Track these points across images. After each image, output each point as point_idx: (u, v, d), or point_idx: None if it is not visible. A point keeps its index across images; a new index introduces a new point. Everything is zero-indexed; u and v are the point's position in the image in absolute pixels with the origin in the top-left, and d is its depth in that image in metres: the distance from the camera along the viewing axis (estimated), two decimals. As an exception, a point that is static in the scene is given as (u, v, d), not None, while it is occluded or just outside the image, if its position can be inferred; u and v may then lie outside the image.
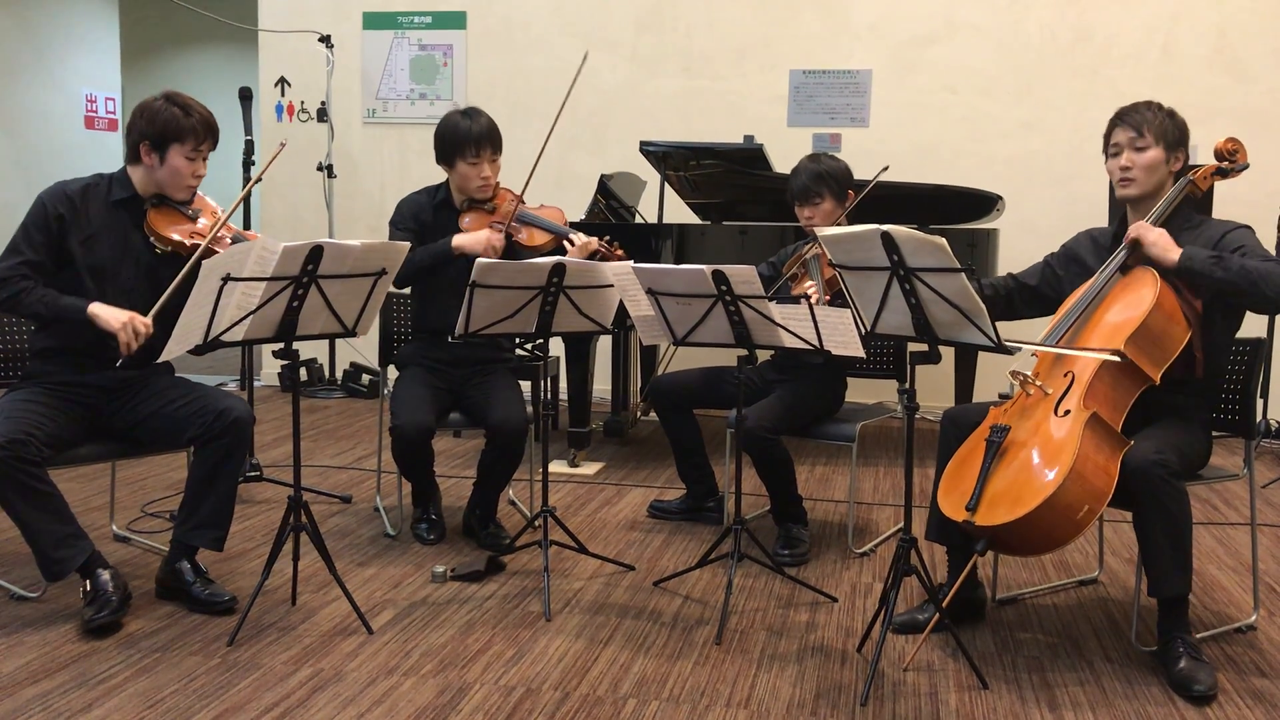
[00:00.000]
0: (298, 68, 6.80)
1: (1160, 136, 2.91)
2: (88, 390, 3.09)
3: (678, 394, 3.86)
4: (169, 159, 3.07)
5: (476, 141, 3.62)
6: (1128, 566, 3.56)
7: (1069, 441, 2.61)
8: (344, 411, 6.03)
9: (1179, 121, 2.96)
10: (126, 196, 3.13)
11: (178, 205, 3.16)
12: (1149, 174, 2.92)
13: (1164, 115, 2.94)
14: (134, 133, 3.09)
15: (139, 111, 3.09)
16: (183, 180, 3.11)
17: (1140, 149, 2.91)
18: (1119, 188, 2.97)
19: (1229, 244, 2.82)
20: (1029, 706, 2.57)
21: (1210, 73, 5.87)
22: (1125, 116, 2.97)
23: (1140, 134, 2.91)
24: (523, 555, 3.51)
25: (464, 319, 3.09)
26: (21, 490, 2.83)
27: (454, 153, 3.66)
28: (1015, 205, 5.50)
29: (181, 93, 3.14)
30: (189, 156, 3.08)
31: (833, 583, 3.37)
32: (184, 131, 3.05)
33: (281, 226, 6.79)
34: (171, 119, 3.05)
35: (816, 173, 3.62)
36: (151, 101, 3.09)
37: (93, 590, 2.91)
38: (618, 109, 6.46)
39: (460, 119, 3.66)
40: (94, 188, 3.12)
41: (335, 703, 2.52)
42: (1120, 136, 2.96)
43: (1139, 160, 2.92)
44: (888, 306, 2.65)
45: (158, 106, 3.07)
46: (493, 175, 3.70)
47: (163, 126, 3.05)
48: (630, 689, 2.62)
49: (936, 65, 6.15)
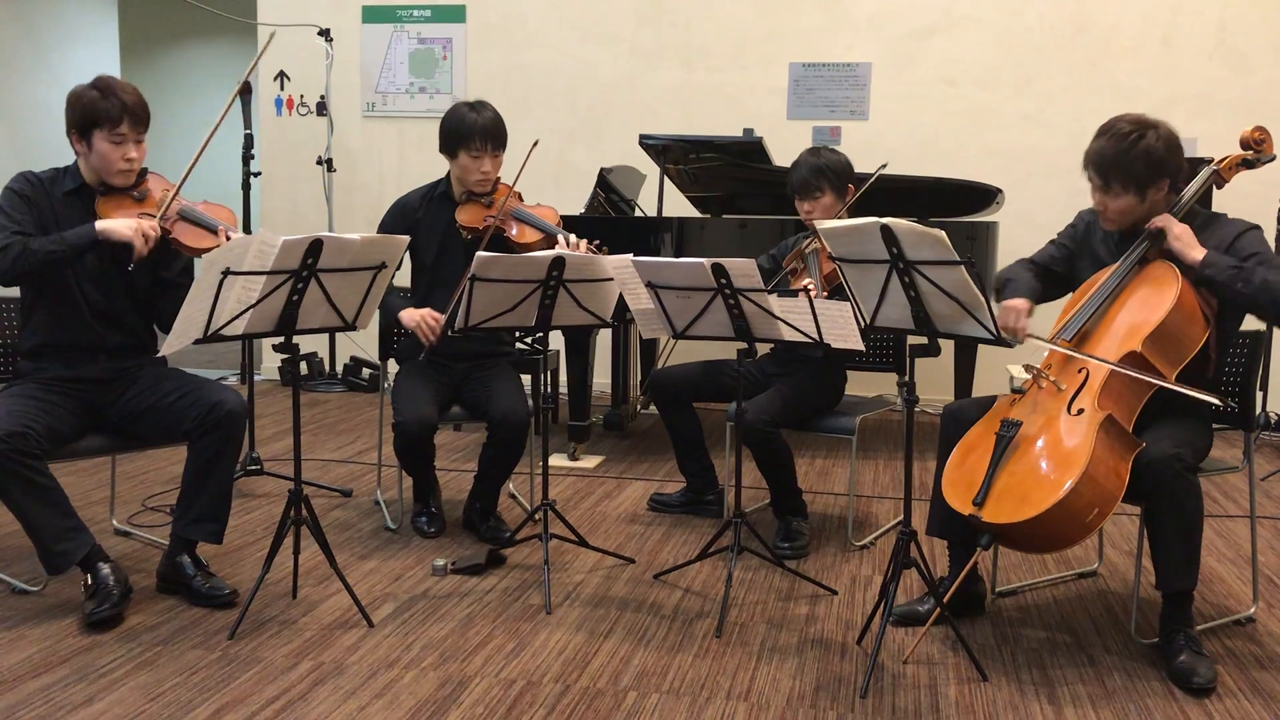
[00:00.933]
0: (297, 62, 6.79)
1: (1129, 183, 2.80)
2: (82, 385, 3.09)
3: (677, 387, 3.86)
4: (94, 145, 3.03)
5: (481, 135, 3.62)
6: (1127, 559, 3.56)
7: (1083, 444, 2.59)
8: (344, 405, 6.03)
9: (1155, 156, 2.77)
10: (75, 187, 3.10)
11: (125, 190, 3.11)
12: (1124, 216, 2.87)
13: (1135, 157, 2.77)
14: (66, 122, 3.06)
15: (68, 98, 3.05)
16: (112, 165, 3.05)
17: (1112, 197, 2.85)
18: (1102, 224, 2.94)
19: (1243, 248, 2.77)
20: (1028, 699, 2.57)
21: (1210, 65, 5.86)
22: (1091, 156, 2.84)
23: (1108, 185, 2.83)
24: (523, 548, 3.52)
25: (463, 313, 3.10)
26: (22, 483, 2.83)
27: (457, 144, 3.66)
28: (1015, 198, 5.50)
29: (112, 77, 3.09)
30: (113, 140, 3.02)
31: (832, 575, 3.37)
32: (101, 116, 2.99)
33: (281, 220, 6.78)
34: (90, 104, 3.00)
35: (816, 166, 3.62)
36: (78, 88, 3.05)
37: (94, 584, 2.91)
38: (617, 102, 6.45)
39: (467, 111, 3.66)
40: (53, 181, 3.11)
41: (336, 696, 2.53)
42: (1089, 177, 2.88)
43: (1110, 204, 2.86)
44: (887, 299, 2.65)
45: (80, 92, 3.03)
46: (493, 170, 3.70)
47: (83, 112, 3.01)
48: (630, 681, 2.63)
49: (936, 58, 6.14)
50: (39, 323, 3.09)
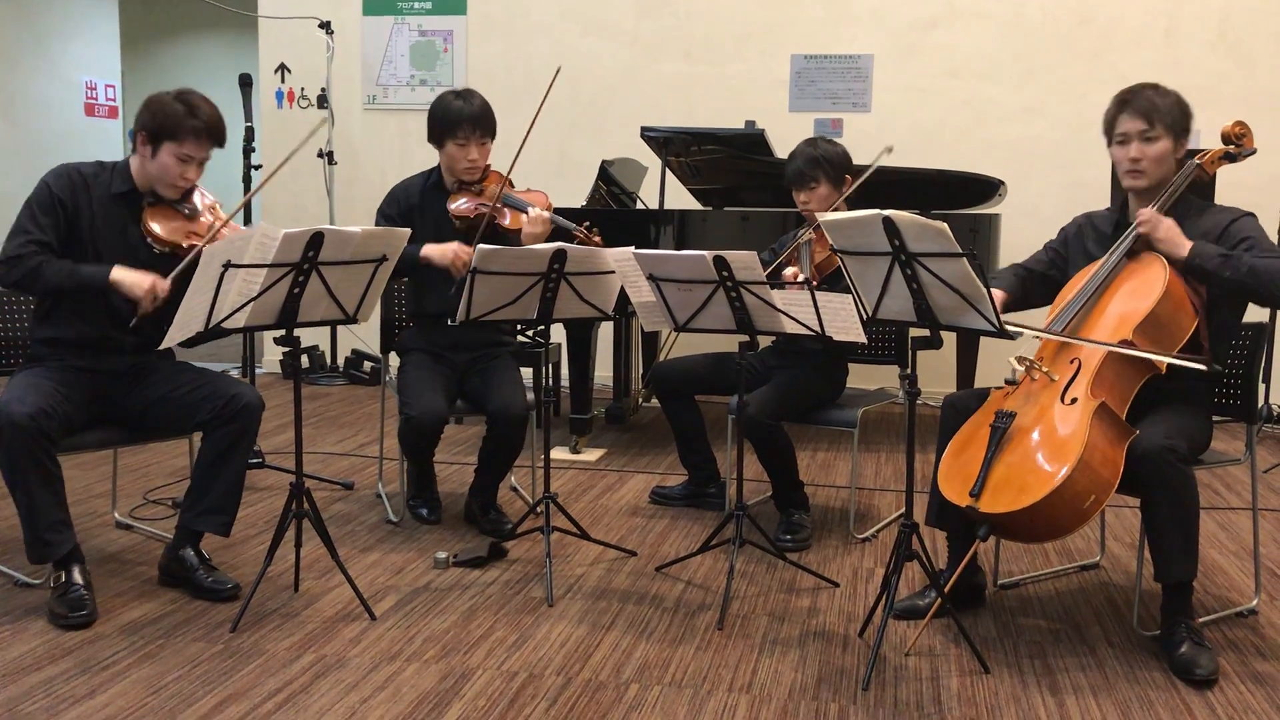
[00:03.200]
0: (298, 54, 6.78)
1: (1170, 126, 2.85)
2: (98, 376, 3.09)
3: (679, 380, 3.86)
4: (160, 154, 3.03)
5: (468, 123, 3.62)
6: (1129, 551, 3.56)
7: (1077, 432, 2.60)
8: (346, 398, 6.03)
9: (1185, 105, 2.90)
10: (126, 190, 3.10)
11: (175, 203, 3.12)
12: (1158, 166, 2.87)
13: (1171, 101, 2.87)
14: (137, 121, 3.07)
15: (147, 101, 3.06)
16: (170, 179, 3.06)
17: (1150, 139, 2.85)
18: (1127, 179, 2.91)
19: (1234, 234, 2.79)
20: (1030, 691, 2.57)
21: (1213, 57, 5.85)
22: (1132, 101, 2.88)
23: (1150, 124, 2.84)
24: (525, 541, 3.52)
25: (464, 306, 3.09)
26: (37, 466, 2.84)
27: (443, 133, 3.66)
28: (1017, 190, 5.49)
29: (198, 94, 3.09)
30: (181, 157, 3.03)
31: (834, 568, 3.37)
32: (181, 130, 3.00)
33: (282, 213, 6.78)
34: (172, 115, 3.01)
35: (812, 157, 3.61)
36: (163, 94, 3.06)
37: (65, 583, 2.89)
38: (619, 94, 6.45)
39: (453, 100, 3.66)
40: (96, 177, 3.10)
41: (338, 689, 2.53)
42: (1128, 125, 2.87)
43: (1149, 152, 2.85)
44: (889, 292, 2.65)
45: (165, 100, 3.04)
46: (481, 158, 3.68)
47: (163, 120, 3.01)
48: (632, 674, 2.63)
49: (938, 50, 6.13)
50: (58, 318, 3.09)
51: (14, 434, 2.80)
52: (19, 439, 2.80)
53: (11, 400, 2.84)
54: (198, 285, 2.66)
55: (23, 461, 2.82)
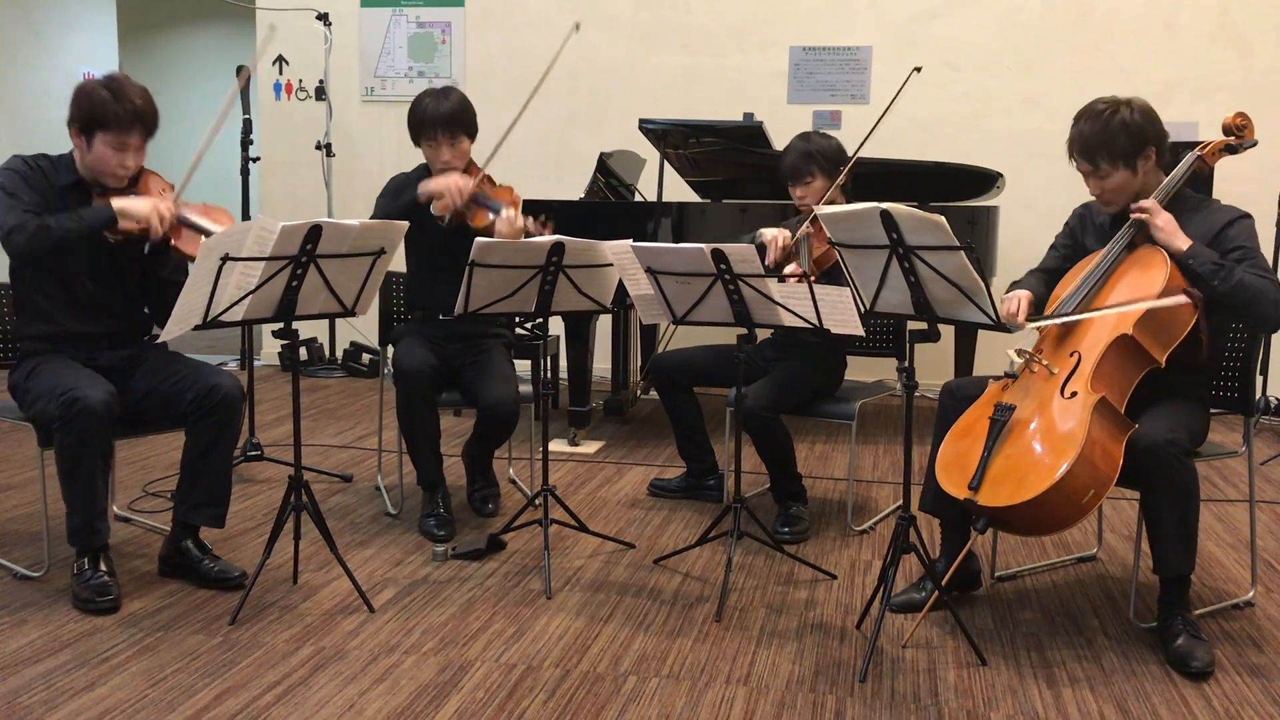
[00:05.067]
0: (296, 46, 6.77)
1: (1119, 156, 2.82)
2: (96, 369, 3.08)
3: (678, 371, 3.86)
4: (95, 145, 2.97)
5: (439, 125, 3.60)
6: (1126, 544, 3.57)
7: (1077, 426, 2.59)
8: (344, 391, 6.03)
9: (1134, 127, 2.81)
10: (72, 182, 3.05)
11: (122, 191, 3.05)
12: (1122, 193, 2.88)
13: (1114, 131, 2.81)
14: (70, 112, 2.99)
15: (75, 92, 2.99)
16: (107, 168, 3.00)
17: (1103, 176, 2.87)
18: (1102, 206, 2.96)
19: (1230, 239, 2.78)
20: (1027, 683, 2.58)
21: (1212, 48, 5.84)
22: (1074, 143, 2.89)
23: (1095, 165, 2.86)
24: (523, 534, 3.52)
25: (463, 298, 3.09)
26: (102, 451, 2.89)
27: (417, 134, 3.67)
28: (1015, 182, 5.48)
29: (127, 80, 3.01)
30: (114, 145, 2.96)
31: (832, 560, 3.38)
32: (109, 119, 2.93)
33: (280, 206, 6.78)
34: (99, 104, 2.93)
35: (806, 152, 3.62)
36: (89, 83, 2.98)
37: (92, 570, 2.92)
38: (617, 86, 6.44)
39: (428, 101, 3.63)
40: (49, 170, 3.05)
41: (337, 681, 2.54)
42: (1079, 165, 2.91)
43: (1107, 185, 2.88)
44: (887, 285, 2.65)
45: (91, 89, 2.96)
46: (454, 158, 3.64)
47: (90, 110, 2.94)
48: (630, 666, 2.64)
49: (937, 41, 6.12)
50: (37, 310, 3.08)
51: (89, 420, 2.82)
52: (95, 425, 2.83)
53: (79, 386, 2.85)
54: (196, 278, 2.66)
55: (89, 449, 2.85)
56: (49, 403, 2.87)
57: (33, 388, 2.97)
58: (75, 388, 2.85)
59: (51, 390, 2.88)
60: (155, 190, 3.12)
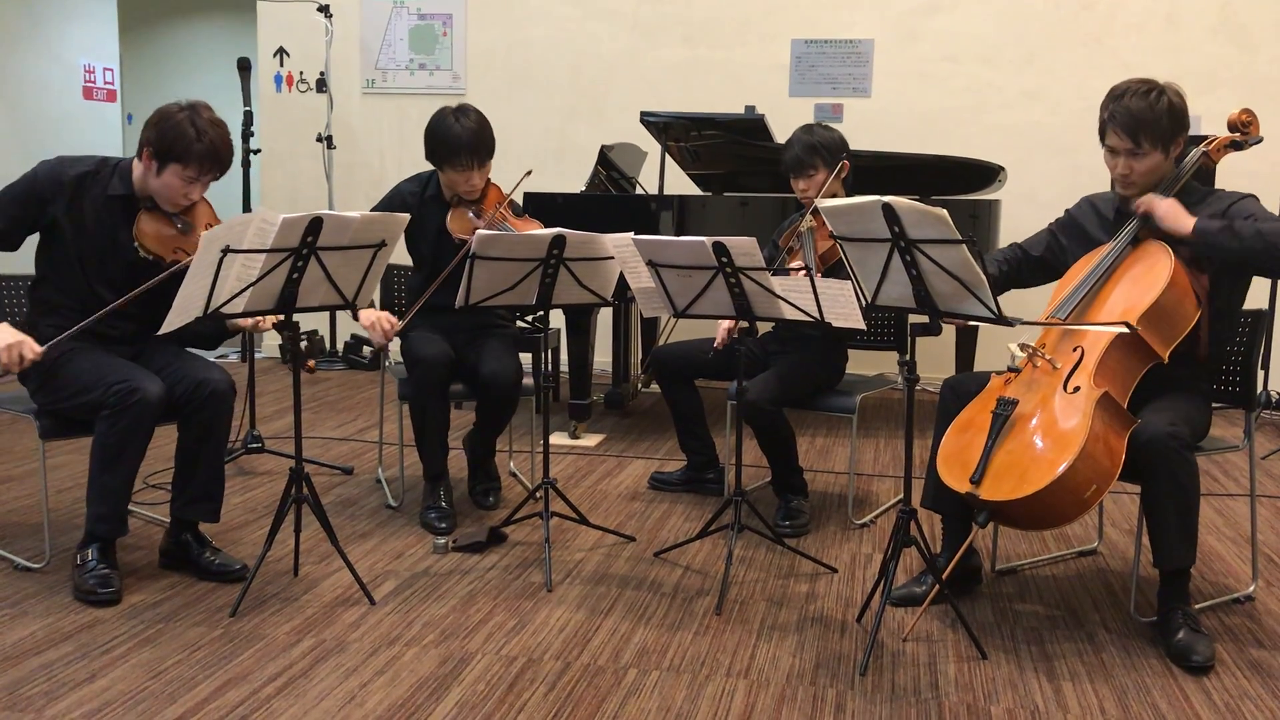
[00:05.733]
0: (296, 38, 6.76)
1: (1159, 139, 2.79)
2: None
3: (679, 364, 3.86)
4: (165, 174, 2.99)
5: (467, 152, 3.58)
6: (1127, 538, 3.57)
7: (1080, 421, 2.59)
8: (345, 383, 6.03)
9: (1176, 110, 2.80)
10: (123, 194, 3.06)
11: (170, 214, 3.08)
12: (1148, 177, 2.85)
13: (1160, 112, 2.77)
14: (144, 133, 3.01)
15: (158, 114, 2.99)
16: (172, 197, 3.02)
17: (1137, 155, 2.81)
18: (1118, 185, 2.90)
19: (1236, 214, 2.77)
20: (1027, 676, 2.58)
21: (1214, 42, 5.83)
22: (1119, 116, 2.80)
23: (1137, 143, 2.79)
24: (524, 527, 3.52)
25: (464, 291, 3.09)
26: (144, 443, 2.93)
27: (442, 159, 3.63)
28: (1017, 176, 5.48)
29: (210, 113, 3.01)
30: (184, 179, 2.99)
31: (832, 553, 3.38)
32: (187, 154, 2.95)
33: (281, 198, 6.77)
34: (180, 137, 2.94)
35: (809, 144, 3.61)
36: (174, 110, 2.98)
37: (95, 562, 2.92)
38: (618, 79, 6.43)
39: (452, 122, 3.60)
40: (94, 176, 3.05)
41: (337, 673, 2.54)
42: (1115, 141, 2.83)
43: (1137, 167, 2.83)
44: (888, 278, 2.64)
45: (177, 119, 2.95)
46: (480, 180, 3.67)
47: (170, 141, 2.95)
48: (631, 659, 2.64)
49: (939, 34, 6.11)
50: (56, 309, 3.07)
51: (144, 410, 2.87)
52: (148, 415, 2.88)
53: (135, 379, 2.88)
54: (196, 270, 2.65)
55: (137, 440, 2.90)
56: (102, 392, 2.87)
57: (71, 376, 2.95)
58: (130, 379, 2.88)
59: (101, 380, 2.90)
60: (202, 220, 3.13)
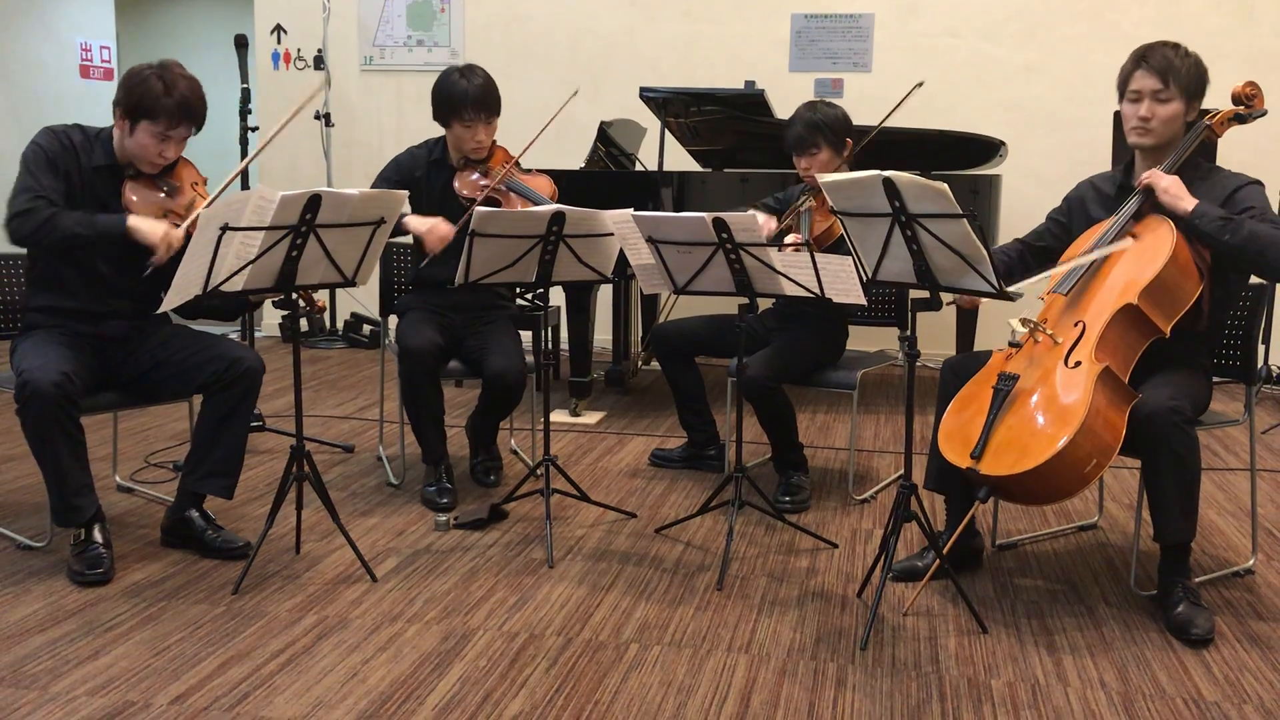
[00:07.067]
0: (294, 15, 6.72)
1: (1185, 88, 2.80)
2: (98, 340, 3.08)
3: (680, 341, 3.86)
4: (138, 133, 2.97)
5: (473, 105, 3.58)
6: (1127, 512, 3.58)
7: (1081, 396, 2.59)
8: (345, 362, 6.03)
9: (1202, 69, 2.84)
10: (105, 164, 3.04)
11: (155, 178, 3.07)
12: (1168, 126, 2.83)
13: (1190, 63, 2.82)
14: (116, 94, 3.00)
15: (126, 75, 2.99)
16: (147, 156, 3.00)
17: (1163, 100, 2.81)
18: (1134, 135, 2.87)
19: (1239, 202, 2.76)
20: (1028, 650, 2.59)
21: (1217, 14, 5.80)
22: (1150, 58, 2.82)
23: (1165, 84, 2.80)
24: (525, 503, 3.53)
25: (464, 268, 3.08)
26: (64, 432, 2.85)
27: (449, 114, 3.63)
28: (1018, 151, 5.46)
29: (180, 66, 3.00)
30: (157, 136, 2.97)
31: (833, 529, 3.39)
32: (157, 109, 2.92)
33: (279, 176, 6.75)
34: (148, 93, 2.92)
35: (812, 122, 3.58)
36: (143, 68, 2.97)
37: (85, 542, 2.92)
38: (617, 54, 6.39)
39: (458, 79, 3.61)
40: (84, 146, 3.03)
41: (340, 649, 2.55)
42: (1143, 82, 2.83)
43: (1160, 112, 2.82)
44: (889, 253, 2.63)
45: (144, 75, 2.95)
46: (487, 137, 3.67)
47: (138, 98, 2.93)
48: (632, 634, 2.65)
49: (939, 8, 6.07)
50: (49, 282, 3.07)
51: (41, 402, 2.80)
52: (47, 407, 2.80)
53: (32, 368, 2.83)
54: (195, 249, 2.65)
55: (51, 429, 2.83)
56: (11, 384, 2.88)
57: (15, 364, 2.97)
58: (27, 370, 2.83)
59: (16, 370, 2.89)
60: (188, 181, 3.12)
